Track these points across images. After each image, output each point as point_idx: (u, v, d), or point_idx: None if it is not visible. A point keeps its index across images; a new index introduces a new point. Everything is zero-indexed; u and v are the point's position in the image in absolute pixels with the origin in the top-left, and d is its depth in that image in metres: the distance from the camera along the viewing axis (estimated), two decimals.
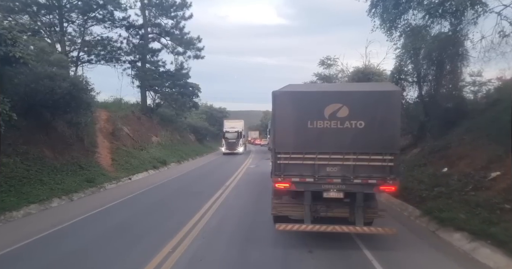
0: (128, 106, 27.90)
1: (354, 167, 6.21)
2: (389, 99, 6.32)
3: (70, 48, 25.49)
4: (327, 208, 6.58)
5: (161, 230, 7.55)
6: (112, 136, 19.92)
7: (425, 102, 13.22)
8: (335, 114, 6.21)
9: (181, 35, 29.42)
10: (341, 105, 6.19)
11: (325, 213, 6.59)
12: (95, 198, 11.67)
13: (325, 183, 6.33)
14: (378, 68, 24.05)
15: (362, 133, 6.15)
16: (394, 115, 6.27)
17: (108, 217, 8.95)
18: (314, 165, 6.29)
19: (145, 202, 10.83)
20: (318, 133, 6.26)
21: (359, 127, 6.16)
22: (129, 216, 9.06)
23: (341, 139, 6.21)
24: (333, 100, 6.27)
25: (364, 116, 6.17)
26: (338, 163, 6.26)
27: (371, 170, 6.19)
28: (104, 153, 17.23)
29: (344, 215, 6.59)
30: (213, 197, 11.10)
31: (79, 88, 12.90)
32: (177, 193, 12.39)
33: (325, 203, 6.56)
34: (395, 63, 13.70)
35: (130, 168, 17.15)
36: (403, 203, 9.49)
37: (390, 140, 6.19)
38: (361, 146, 6.17)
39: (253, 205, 10.10)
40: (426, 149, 11.88)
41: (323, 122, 6.24)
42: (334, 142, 6.24)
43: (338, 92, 6.73)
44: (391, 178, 6.15)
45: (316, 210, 6.58)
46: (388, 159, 6.14)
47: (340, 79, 33.51)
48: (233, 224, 8.04)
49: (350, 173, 6.22)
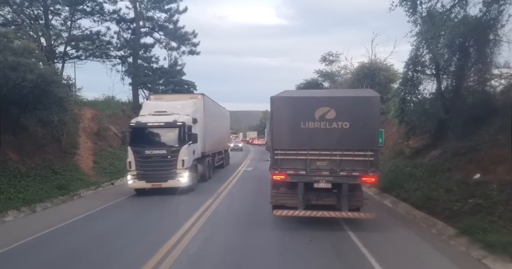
0: (119, 105, 26.21)
1: (340, 162, 7.22)
2: (369, 103, 7.36)
3: (56, 42, 23.83)
4: (318, 197, 7.59)
5: (129, 257, 5.91)
6: (97, 136, 18.30)
7: (445, 97, 11.59)
8: (324, 116, 7.17)
9: (175, 29, 27.73)
10: (329, 109, 7.15)
11: (316, 201, 7.58)
12: (63, 208, 10.02)
13: (316, 175, 7.32)
14: (385, 63, 22.45)
15: (347, 133, 7.13)
16: (374, 117, 7.28)
17: (67, 237, 7.29)
18: (306, 160, 7.29)
19: (119, 216, 9.16)
20: (310, 133, 7.22)
21: (345, 127, 7.13)
22: (96, 234, 7.41)
23: (329, 137, 7.19)
24: (322, 104, 7.23)
25: (349, 118, 7.13)
26: (326, 158, 7.26)
27: (355, 164, 7.19)
28: (86, 155, 15.59)
29: (332, 203, 7.60)
30: (202, 206, 9.44)
31: (50, 81, 11.24)
32: (159, 201, 10.73)
33: (315, 192, 7.57)
34: (410, 53, 12.07)
35: (114, 172, 15.49)
36: (429, 217, 7.84)
37: (371, 138, 7.18)
38: (346, 143, 7.17)
39: (246, 222, 8.46)
40: (449, 151, 10.25)
41: (314, 123, 7.21)
42: (323, 140, 7.22)
43: (326, 97, 7.72)
44: (372, 170, 7.16)
45: (308, 199, 7.55)
46: (369, 154, 7.12)
47: (343, 76, 31.93)
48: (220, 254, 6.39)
49: (336, 166, 7.22)
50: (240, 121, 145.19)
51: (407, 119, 12.31)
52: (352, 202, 7.46)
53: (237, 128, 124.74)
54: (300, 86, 35.05)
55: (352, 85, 23.18)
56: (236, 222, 8.08)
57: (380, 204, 10.28)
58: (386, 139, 17.36)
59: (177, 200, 10.79)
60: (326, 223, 7.59)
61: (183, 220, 8.03)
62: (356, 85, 22.63)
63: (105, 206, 10.12)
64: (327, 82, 34.09)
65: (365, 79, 22.45)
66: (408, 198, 9.43)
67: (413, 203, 8.95)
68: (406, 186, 10.23)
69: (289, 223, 7.68)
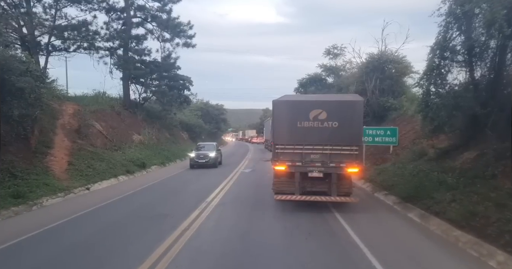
0: (107, 100, 24.28)
1: (330, 155, 8.66)
2: (355, 106, 8.83)
3: (39, 31, 21.87)
4: (312, 185, 8.98)
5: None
6: (77, 134, 16.37)
7: (481, 88, 9.64)
8: (317, 117, 8.64)
9: (168, 18, 25.71)
10: (321, 111, 8.64)
11: (310, 188, 8.97)
12: (14, 223, 8.11)
13: (310, 166, 8.75)
14: (396, 55, 20.44)
15: (336, 131, 8.59)
16: (358, 118, 8.77)
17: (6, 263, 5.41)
18: (302, 153, 8.75)
19: (79, 234, 7.27)
20: (305, 131, 8.69)
21: (334, 126, 8.61)
22: (43, 259, 5.52)
23: (321, 135, 8.65)
24: (315, 107, 8.73)
25: (338, 118, 8.62)
26: (319, 152, 8.70)
27: (342, 157, 8.65)
28: (60, 155, 13.68)
29: (324, 190, 8.91)
30: (182, 225, 7.53)
31: (4, 69, 9.33)
32: (134, 216, 8.84)
33: (310, 181, 8.92)
34: (437, 36, 10.09)
35: (92, 174, 13.59)
36: (479, 241, 5.92)
37: (355, 136, 8.80)
38: (335, 140, 8.64)
39: (241, 242, 6.57)
40: (490, 153, 8.32)
41: (308, 122, 8.67)
42: (316, 137, 8.68)
43: (319, 101, 9.31)
44: (356, 162, 8.69)
45: (304, 186, 8.92)
46: (354, 149, 8.68)
47: (348, 70, 29.92)
48: None
49: (327, 159, 8.66)
50: (241, 120, 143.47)
51: (432, 115, 10.35)
52: (341, 189, 8.83)
53: (238, 127, 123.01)
54: (303, 81, 33.13)
55: (360, 79, 21.21)
56: None
57: (404, 218, 8.38)
58: (401, 138, 15.43)
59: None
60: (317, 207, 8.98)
61: None
62: (364, 78, 20.65)
63: (75, 216, 8.26)
64: (331, 78, 32.12)
65: (374, 72, 20.45)
66: (443, 213, 7.53)
67: (451, 220, 7.04)
68: (437, 196, 8.32)
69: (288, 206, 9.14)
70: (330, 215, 8.57)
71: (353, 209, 9.07)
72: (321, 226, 7.59)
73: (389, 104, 19.40)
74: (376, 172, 13.33)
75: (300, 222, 7.85)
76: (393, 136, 14.95)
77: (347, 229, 7.32)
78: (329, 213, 8.70)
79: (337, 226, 7.65)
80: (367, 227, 7.59)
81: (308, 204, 9.01)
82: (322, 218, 8.31)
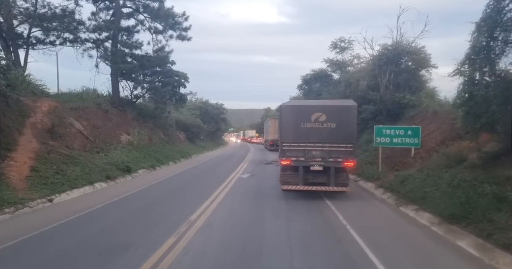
0: (93, 97, 22.12)
1: (329, 151, 10.31)
2: (350, 110, 10.41)
3: (18, 20, 19.75)
4: (313, 177, 10.62)
5: None
6: (50, 134, 14.20)
7: None
8: (318, 119, 10.34)
9: (159, 7, 23.52)
10: (321, 113, 10.35)
11: (312, 180, 10.63)
12: None
13: (311, 161, 10.43)
14: (413, 45, 18.17)
15: (334, 131, 10.28)
16: (353, 120, 10.35)
17: None
18: (305, 150, 10.46)
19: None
20: (307, 131, 10.41)
21: (332, 127, 10.29)
22: None
23: (321, 134, 10.33)
24: (316, 110, 10.48)
25: (335, 120, 10.29)
26: (319, 149, 10.37)
27: (339, 153, 10.29)
28: (23, 159, 11.51)
29: (323, 181, 10.52)
30: (147, 262, 5.33)
31: None
32: (85, 247, 6.63)
33: (312, 173, 10.60)
34: (485, 9, 7.88)
35: (59, 182, 11.39)
36: None
37: (350, 135, 10.35)
38: (333, 138, 10.29)
39: None
40: None
41: (310, 124, 10.39)
42: (317, 136, 10.36)
43: (320, 106, 11.10)
44: (351, 158, 10.31)
45: (306, 178, 10.63)
46: (349, 146, 10.30)
47: (356, 65, 27.67)
48: None
49: (326, 155, 10.32)
50: (242, 120, 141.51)
51: (477, 110, 8.13)
52: (338, 180, 10.38)
53: (239, 127, 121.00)
54: (307, 78, 30.92)
55: (372, 72, 18.98)
56: None
57: (454, 249, 6.12)
58: (424, 139, 13.18)
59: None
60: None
61: None
62: (377, 72, 18.41)
63: (14, 242, 6.08)
64: (337, 73, 29.87)
65: (388, 65, 18.21)
66: None
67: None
68: (497, 218, 6.11)
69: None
70: (356, 248, 6.36)
71: (381, 232, 6.86)
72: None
73: (406, 100, 17.17)
74: (399, 180, 11.09)
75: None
76: (415, 137, 12.73)
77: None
78: (355, 246, 6.48)
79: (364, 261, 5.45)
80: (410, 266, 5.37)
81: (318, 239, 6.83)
82: (343, 253, 6.11)
